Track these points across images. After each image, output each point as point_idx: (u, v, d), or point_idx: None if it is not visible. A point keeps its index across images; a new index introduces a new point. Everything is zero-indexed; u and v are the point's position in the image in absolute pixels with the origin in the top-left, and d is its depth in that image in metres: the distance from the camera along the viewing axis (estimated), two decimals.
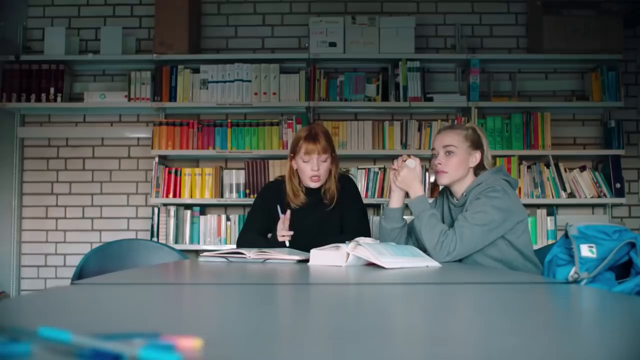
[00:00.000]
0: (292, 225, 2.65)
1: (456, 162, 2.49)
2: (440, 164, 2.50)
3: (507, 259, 2.38)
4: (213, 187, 4.39)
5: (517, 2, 4.69)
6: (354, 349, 0.67)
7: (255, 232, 2.81)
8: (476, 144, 2.52)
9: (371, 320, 0.92)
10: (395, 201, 2.56)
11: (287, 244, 2.59)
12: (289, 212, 2.67)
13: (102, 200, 4.63)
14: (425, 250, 2.28)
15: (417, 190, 2.44)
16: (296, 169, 2.83)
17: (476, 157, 2.51)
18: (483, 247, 2.35)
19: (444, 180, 2.52)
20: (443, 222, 2.60)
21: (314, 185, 2.80)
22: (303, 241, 2.52)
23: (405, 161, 2.48)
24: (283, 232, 2.61)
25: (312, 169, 2.75)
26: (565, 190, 4.32)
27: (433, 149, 2.57)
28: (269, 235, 2.79)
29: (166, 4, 4.35)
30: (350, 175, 3.11)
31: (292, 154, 2.83)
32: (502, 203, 2.33)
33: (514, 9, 4.70)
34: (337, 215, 2.84)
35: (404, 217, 2.60)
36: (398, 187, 2.51)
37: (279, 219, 2.67)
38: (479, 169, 2.54)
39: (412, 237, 2.60)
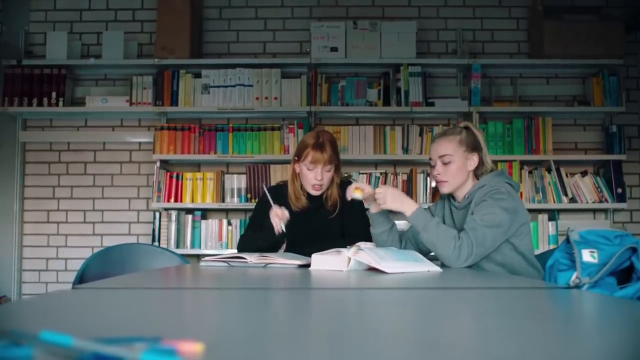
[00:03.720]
0: (293, 230, 2.65)
1: (454, 170, 2.47)
2: (439, 174, 2.49)
3: (510, 263, 2.37)
4: (214, 191, 4.39)
5: (518, 7, 4.70)
6: (355, 353, 0.67)
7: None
8: (472, 146, 2.50)
9: (372, 325, 0.92)
10: (374, 207, 2.55)
11: (283, 227, 2.59)
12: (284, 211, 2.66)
13: (103, 204, 4.63)
14: (426, 255, 2.28)
15: (411, 205, 2.37)
16: (298, 173, 2.83)
17: (474, 159, 2.50)
18: (495, 247, 2.32)
19: (445, 190, 2.51)
20: (444, 223, 2.59)
21: (314, 193, 2.80)
22: (304, 246, 2.52)
23: (354, 193, 2.43)
24: (276, 217, 2.60)
25: (316, 177, 2.75)
26: (566, 195, 4.32)
27: (430, 159, 2.56)
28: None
29: (168, 8, 4.36)
30: (352, 181, 3.10)
31: (296, 158, 2.82)
32: (509, 204, 2.32)
33: (515, 14, 4.71)
34: (338, 221, 2.84)
35: (399, 221, 2.60)
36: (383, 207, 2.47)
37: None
38: (478, 169, 2.53)
39: (408, 244, 2.60)
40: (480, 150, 2.52)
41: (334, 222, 2.82)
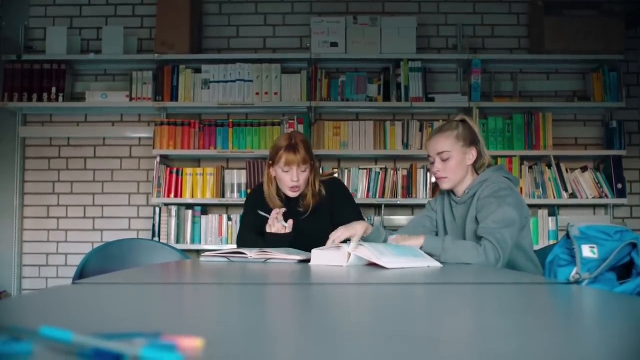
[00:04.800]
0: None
1: (454, 166, 2.46)
2: (439, 171, 2.48)
3: (510, 258, 2.36)
4: (214, 187, 4.39)
5: (518, 2, 4.69)
6: (355, 349, 0.67)
7: (253, 232, 2.81)
8: (470, 140, 2.48)
9: (372, 321, 0.92)
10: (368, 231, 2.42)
11: (284, 223, 2.62)
12: (281, 211, 2.68)
13: (103, 200, 4.63)
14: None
15: (418, 237, 2.28)
16: (274, 177, 2.82)
17: (472, 153, 2.49)
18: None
19: (446, 186, 2.50)
20: (444, 218, 2.59)
21: (292, 195, 2.79)
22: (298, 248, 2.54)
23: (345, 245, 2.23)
24: (277, 224, 2.62)
25: (292, 179, 2.73)
26: (566, 190, 4.32)
27: (429, 156, 2.54)
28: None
29: (168, 3, 4.35)
30: (336, 177, 3.09)
31: (270, 162, 2.81)
32: (513, 200, 2.31)
33: (515, 9, 4.70)
34: (323, 219, 2.81)
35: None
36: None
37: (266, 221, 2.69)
38: (477, 162, 2.52)
39: None
40: (478, 143, 2.51)
41: (319, 220, 2.81)
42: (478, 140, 2.51)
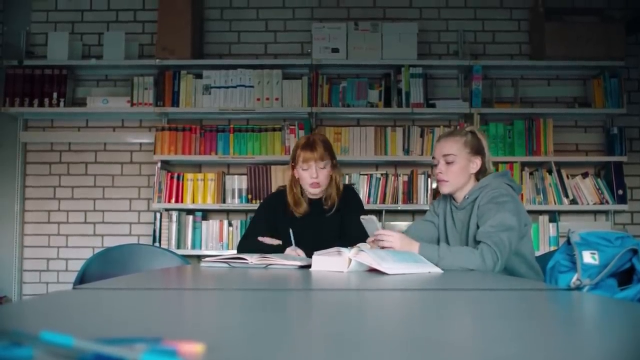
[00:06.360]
0: (297, 235, 2.66)
1: (456, 171, 2.47)
2: (441, 173, 2.49)
3: (510, 265, 2.36)
4: (215, 192, 4.39)
5: (519, 8, 4.69)
6: (355, 355, 0.67)
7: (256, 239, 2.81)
8: (476, 150, 2.50)
9: (372, 327, 0.92)
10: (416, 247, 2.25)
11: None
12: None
13: (104, 205, 4.63)
14: None
15: (414, 243, 2.22)
16: (297, 178, 2.86)
17: (477, 162, 2.50)
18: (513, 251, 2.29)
19: (445, 189, 2.51)
20: (444, 223, 2.58)
21: (313, 191, 2.82)
22: (309, 249, 2.53)
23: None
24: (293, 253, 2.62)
25: (311, 176, 2.78)
26: (567, 196, 4.32)
27: (433, 157, 2.56)
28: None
29: (169, 9, 4.36)
30: (354, 187, 3.11)
31: (292, 163, 2.88)
32: (513, 206, 2.31)
33: (516, 15, 4.71)
34: (338, 225, 2.85)
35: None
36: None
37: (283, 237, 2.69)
38: (480, 173, 2.53)
39: None
40: (484, 155, 2.52)
41: (334, 225, 2.83)
42: (484, 152, 2.52)
